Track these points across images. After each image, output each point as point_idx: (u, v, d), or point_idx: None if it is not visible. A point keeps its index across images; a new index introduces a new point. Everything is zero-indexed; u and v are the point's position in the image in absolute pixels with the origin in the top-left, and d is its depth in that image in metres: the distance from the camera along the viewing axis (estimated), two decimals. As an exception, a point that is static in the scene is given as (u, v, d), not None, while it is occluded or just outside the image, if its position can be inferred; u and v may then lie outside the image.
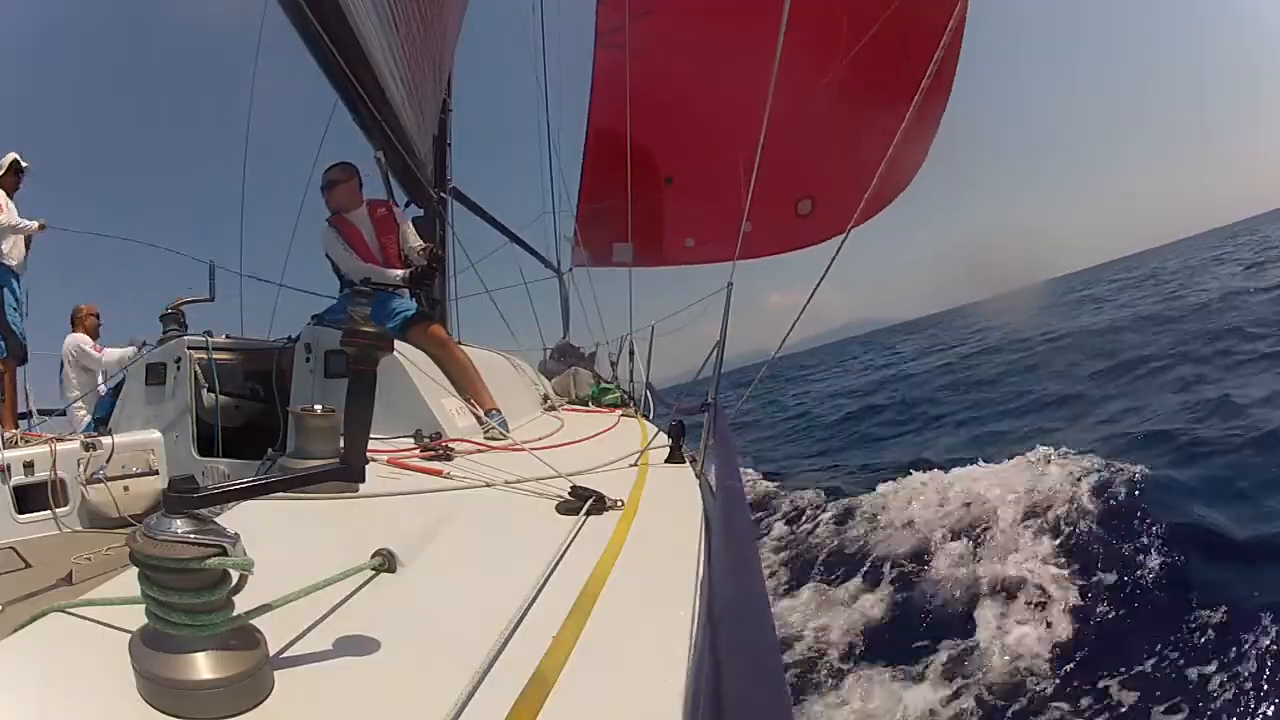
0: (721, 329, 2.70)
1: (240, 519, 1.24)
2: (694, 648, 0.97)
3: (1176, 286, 20.34)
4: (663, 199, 7.77)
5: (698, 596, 1.15)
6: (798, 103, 5.86)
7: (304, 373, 3.12)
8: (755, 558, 0.93)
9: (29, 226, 4.39)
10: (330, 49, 3.13)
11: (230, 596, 0.78)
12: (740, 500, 1.28)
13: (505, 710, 0.80)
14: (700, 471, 2.23)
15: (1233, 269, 21.15)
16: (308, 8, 2.93)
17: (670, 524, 1.63)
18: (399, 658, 0.92)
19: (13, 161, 4.48)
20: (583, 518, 1.57)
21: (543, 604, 1.08)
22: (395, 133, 3.87)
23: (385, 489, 1.75)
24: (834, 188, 7.16)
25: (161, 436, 3.26)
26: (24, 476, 2.90)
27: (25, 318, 4.57)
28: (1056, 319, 19.46)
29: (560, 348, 7.12)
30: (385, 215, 3.55)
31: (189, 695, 0.73)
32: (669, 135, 7.30)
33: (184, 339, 3.55)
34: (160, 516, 0.77)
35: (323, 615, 0.97)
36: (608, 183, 7.22)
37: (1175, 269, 28.86)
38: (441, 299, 5.21)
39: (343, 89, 3.46)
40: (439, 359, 3.29)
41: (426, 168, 4.72)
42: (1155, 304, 17.12)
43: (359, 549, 1.16)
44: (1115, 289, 27.76)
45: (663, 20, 6.95)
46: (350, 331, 1.05)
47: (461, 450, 2.45)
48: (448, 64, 4.86)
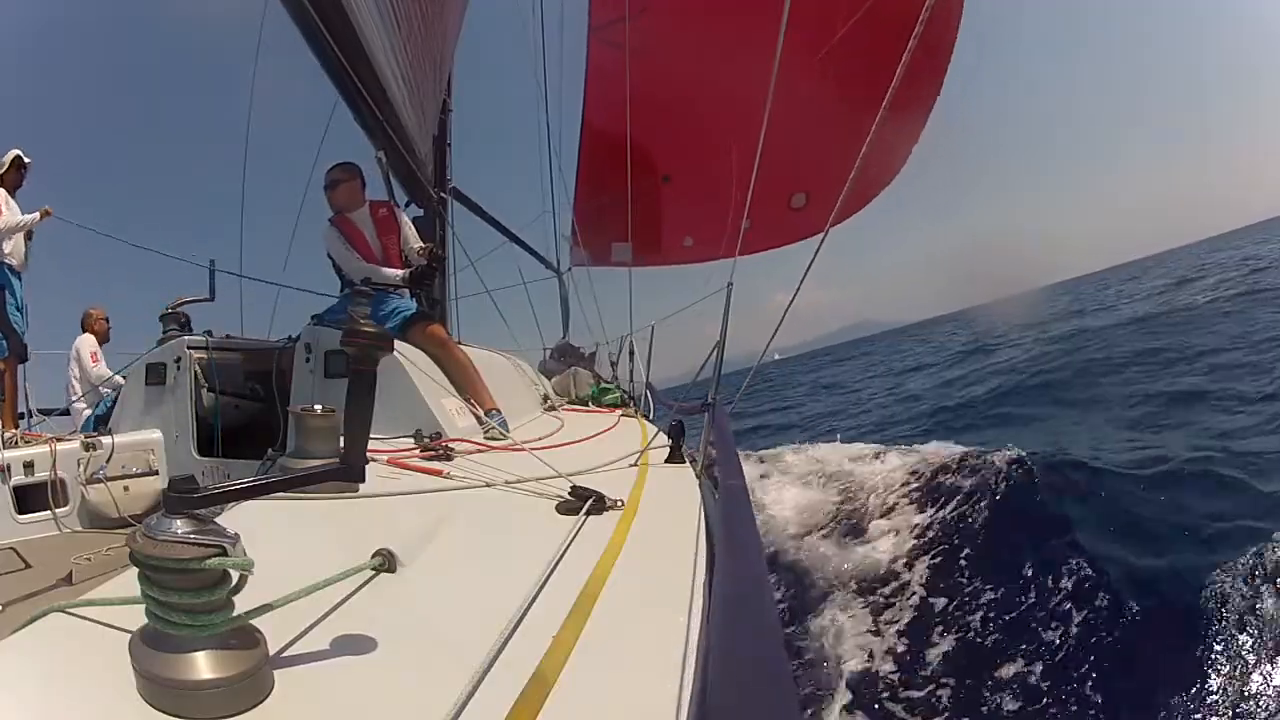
0: (722, 329, 2.70)
1: (240, 519, 1.24)
2: (694, 648, 0.96)
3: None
4: (660, 197, 7.78)
5: (698, 596, 1.15)
6: (792, 98, 5.89)
7: (304, 373, 3.12)
8: (759, 557, 0.93)
9: (30, 220, 4.36)
10: (332, 48, 3.13)
11: (230, 596, 0.78)
12: (740, 500, 1.28)
13: (505, 710, 0.80)
14: (700, 471, 2.23)
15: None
16: (310, 6, 2.94)
17: (670, 524, 1.63)
18: (399, 658, 0.91)
19: (15, 158, 4.47)
20: (583, 518, 1.57)
21: (543, 604, 1.08)
22: (396, 132, 3.87)
23: (385, 489, 1.75)
24: (827, 181, 7.23)
25: (161, 436, 3.26)
26: (24, 476, 2.90)
27: (25, 317, 4.57)
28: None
29: (560, 348, 7.13)
30: (387, 215, 3.56)
31: (189, 695, 0.73)
32: (666, 133, 7.31)
33: (184, 339, 3.55)
34: (160, 516, 0.77)
35: (323, 615, 0.97)
36: (604, 181, 7.25)
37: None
38: (441, 299, 5.21)
39: (344, 88, 3.46)
40: (439, 359, 3.29)
41: (427, 167, 4.73)
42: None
43: (359, 549, 1.16)
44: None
45: (658, 18, 6.95)
46: (350, 331, 1.05)
47: (461, 450, 2.45)
48: (448, 64, 4.86)
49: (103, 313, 5.42)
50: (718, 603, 0.81)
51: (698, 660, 0.93)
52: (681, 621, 1.05)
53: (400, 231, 3.54)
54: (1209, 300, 16.16)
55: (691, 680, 0.88)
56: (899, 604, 4.83)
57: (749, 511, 1.18)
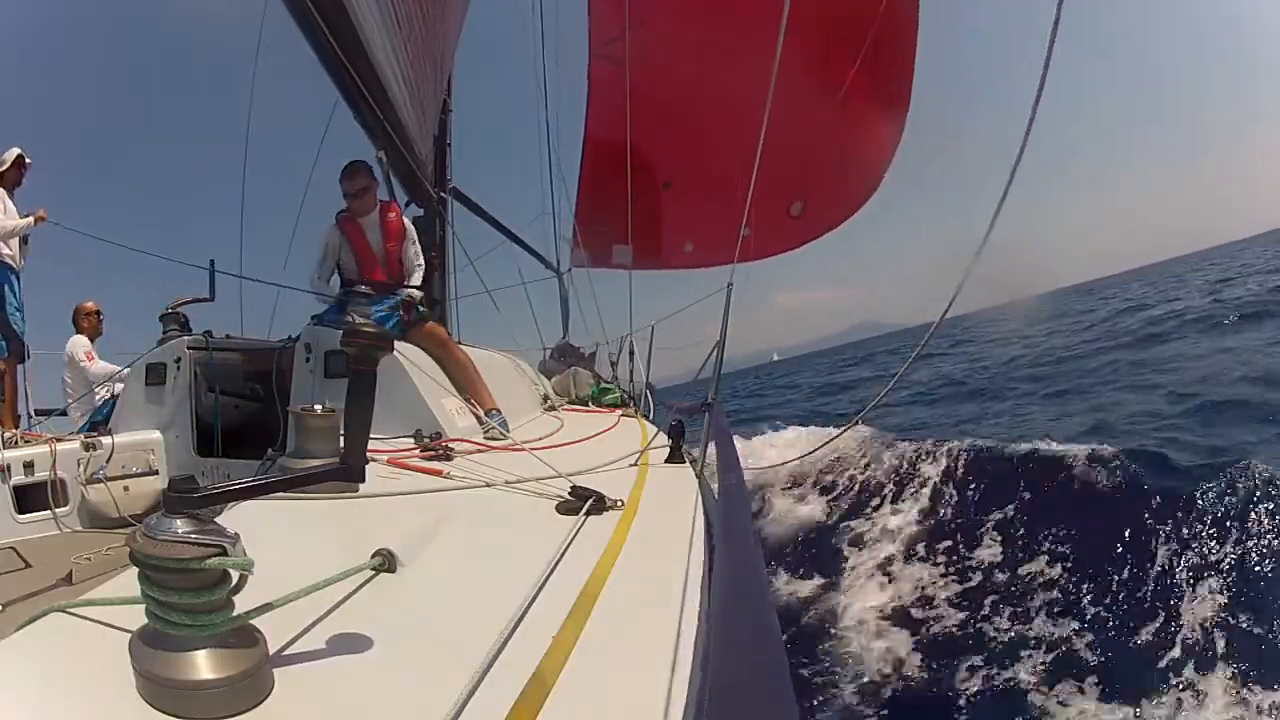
0: (722, 329, 2.70)
1: (240, 519, 1.24)
2: (694, 648, 0.96)
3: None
4: (661, 203, 7.83)
5: (698, 596, 1.15)
6: (792, 107, 6.03)
7: (304, 373, 3.12)
8: (756, 557, 0.93)
9: (24, 224, 4.34)
10: (334, 47, 3.13)
11: (230, 596, 0.78)
12: (740, 500, 1.28)
13: (505, 710, 0.80)
14: (700, 471, 2.23)
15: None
16: (312, 6, 2.94)
17: (670, 524, 1.63)
18: (399, 658, 0.91)
19: (17, 157, 4.46)
20: (583, 518, 1.57)
21: (543, 604, 1.08)
22: (397, 132, 3.87)
23: (385, 489, 1.75)
24: (824, 188, 7.41)
25: (161, 436, 3.26)
26: (24, 476, 2.90)
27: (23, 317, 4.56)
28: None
29: (560, 348, 7.13)
30: (395, 221, 3.54)
31: (189, 695, 0.73)
32: (667, 141, 7.40)
33: (184, 339, 3.54)
34: (160, 516, 0.77)
35: (323, 615, 0.97)
36: (606, 190, 7.30)
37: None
38: (441, 299, 5.22)
39: (345, 88, 3.46)
40: (439, 359, 3.29)
41: (427, 167, 4.73)
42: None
43: (359, 549, 1.16)
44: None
45: (658, 30, 7.05)
46: (350, 331, 1.05)
47: (461, 450, 2.45)
48: (449, 64, 4.87)
49: (94, 307, 5.30)
50: (717, 603, 0.81)
51: (697, 660, 0.93)
52: (681, 622, 1.05)
53: (404, 239, 3.53)
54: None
55: (691, 680, 0.88)
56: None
57: (748, 511, 1.17)
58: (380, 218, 3.50)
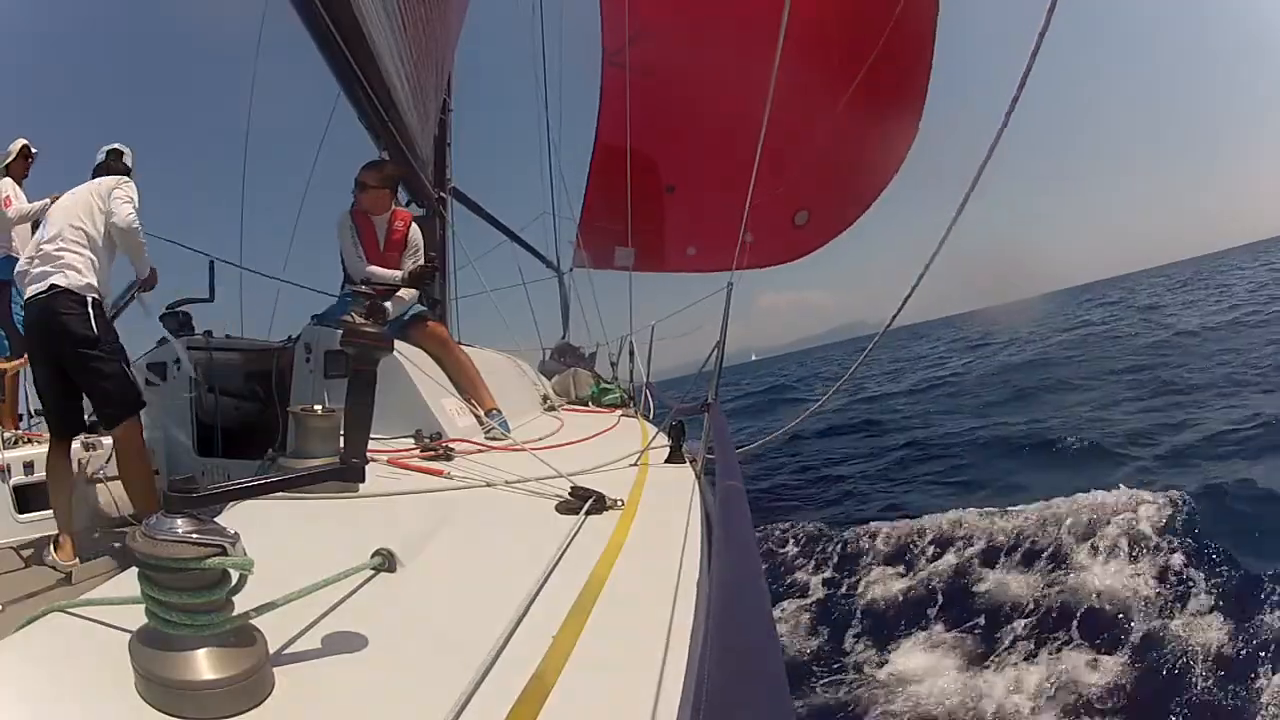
0: (721, 329, 2.70)
1: (240, 519, 1.24)
2: (694, 648, 0.96)
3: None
4: (664, 206, 7.86)
5: (697, 596, 1.15)
6: (806, 118, 6.09)
7: (304, 373, 3.12)
8: (755, 557, 0.93)
9: (40, 206, 4.25)
10: (341, 48, 3.13)
11: (230, 596, 0.78)
12: (740, 500, 1.28)
13: (505, 710, 0.80)
14: (700, 471, 2.23)
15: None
16: (322, 10, 2.93)
17: (670, 524, 1.63)
18: (399, 657, 0.92)
19: (22, 148, 4.43)
20: (583, 517, 1.58)
21: (543, 604, 1.08)
22: (400, 133, 3.87)
23: (385, 489, 1.75)
24: (828, 199, 7.48)
25: (161, 436, 3.26)
26: (24, 476, 2.90)
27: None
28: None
29: (560, 348, 7.12)
30: (401, 230, 3.52)
31: (189, 695, 0.73)
32: (677, 145, 7.44)
33: (184, 339, 3.54)
34: (160, 516, 0.77)
35: (323, 615, 0.97)
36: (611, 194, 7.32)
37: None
38: (441, 298, 5.21)
39: (350, 89, 3.46)
40: (439, 359, 3.29)
41: (427, 167, 4.72)
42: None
43: (359, 548, 1.16)
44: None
45: (665, 41, 7.08)
46: (350, 331, 1.05)
47: (462, 450, 2.44)
48: (449, 64, 4.87)
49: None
50: (716, 603, 0.81)
51: (697, 660, 0.93)
52: (681, 621, 1.05)
53: (405, 250, 3.52)
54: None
55: (690, 680, 0.88)
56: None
57: (748, 512, 1.18)
58: (388, 224, 3.49)
